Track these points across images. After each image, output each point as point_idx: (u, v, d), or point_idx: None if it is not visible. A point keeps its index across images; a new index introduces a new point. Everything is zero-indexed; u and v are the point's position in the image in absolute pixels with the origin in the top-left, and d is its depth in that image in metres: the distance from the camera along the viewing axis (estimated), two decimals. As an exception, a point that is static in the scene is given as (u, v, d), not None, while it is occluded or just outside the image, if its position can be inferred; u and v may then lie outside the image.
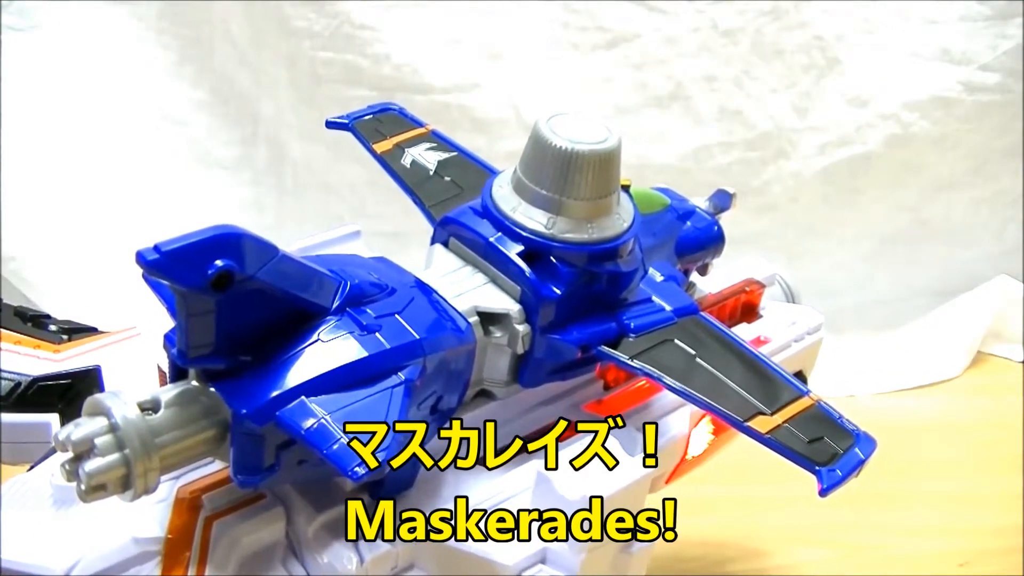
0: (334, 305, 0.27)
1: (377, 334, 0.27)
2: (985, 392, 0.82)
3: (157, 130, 0.87)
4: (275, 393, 0.25)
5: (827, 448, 0.29)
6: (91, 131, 0.86)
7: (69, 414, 0.43)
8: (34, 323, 0.48)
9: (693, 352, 0.31)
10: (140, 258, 0.22)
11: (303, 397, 0.25)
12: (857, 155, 0.87)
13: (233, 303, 0.24)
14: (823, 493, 0.28)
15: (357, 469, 0.24)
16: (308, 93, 0.85)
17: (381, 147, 0.40)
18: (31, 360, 0.45)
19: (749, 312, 0.42)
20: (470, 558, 0.28)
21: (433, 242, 0.32)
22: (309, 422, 0.25)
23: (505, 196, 0.31)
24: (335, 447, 0.24)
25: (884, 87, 0.86)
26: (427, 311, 0.28)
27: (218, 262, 0.23)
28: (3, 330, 0.46)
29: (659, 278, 0.34)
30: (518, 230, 0.30)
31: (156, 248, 0.22)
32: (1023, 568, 0.60)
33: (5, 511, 0.27)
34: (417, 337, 0.27)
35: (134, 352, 0.45)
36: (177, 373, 0.27)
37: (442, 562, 0.29)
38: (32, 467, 0.30)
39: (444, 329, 0.28)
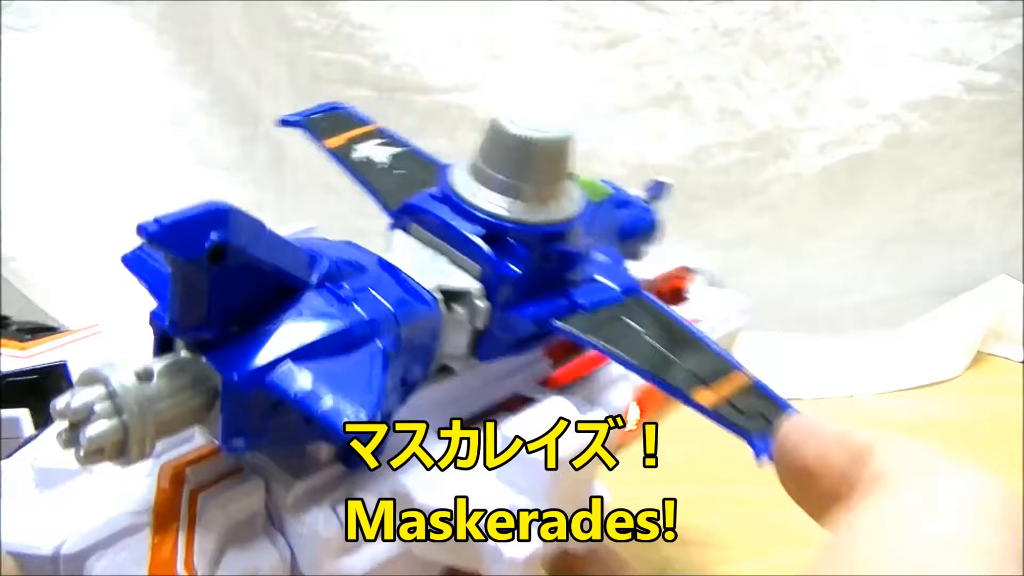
0: (313, 280, 0.28)
1: (355, 305, 0.28)
2: (985, 392, 0.82)
3: (157, 130, 0.88)
4: (264, 359, 0.26)
5: (762, 418, 0.31)
6: (91, 131, 0.86)
7: (38, 409, 0.44)
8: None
9: (640, 329, 0.33)
10: (141, 230, 0.23)
11: (290, 362, 0.26)
12: (857, 155, 0.87)
13: (224, 275, 0.25)
14: (757, 456, 0.29)
15: (346, 426, 0.25)
16: (308, 93, 0.85)
17: (332, 143, 0.41)
18: None
19: (677, 296, 0.44)
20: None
21: (392, 228, 0.34)
22: (297, 385, 0.26)
23: (464, 183, 0.33)
24: (323, 406, 0.25)
25: (884, 87, 0.86)
26: (396, 287, 0.30)
27: (213, 235, 0.24)
28: None
29: (604, 260, 0.36)
30: (478, 213, 0.32)
31: (156, 220, 0.23)
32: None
33: None
34: (391, 310, 0.29)
35: (97, 348, 0.45)
36: (163, 347, 0.28)
37: None
38: (8, 455, 0.31)
39: (414, 303, 0.30)
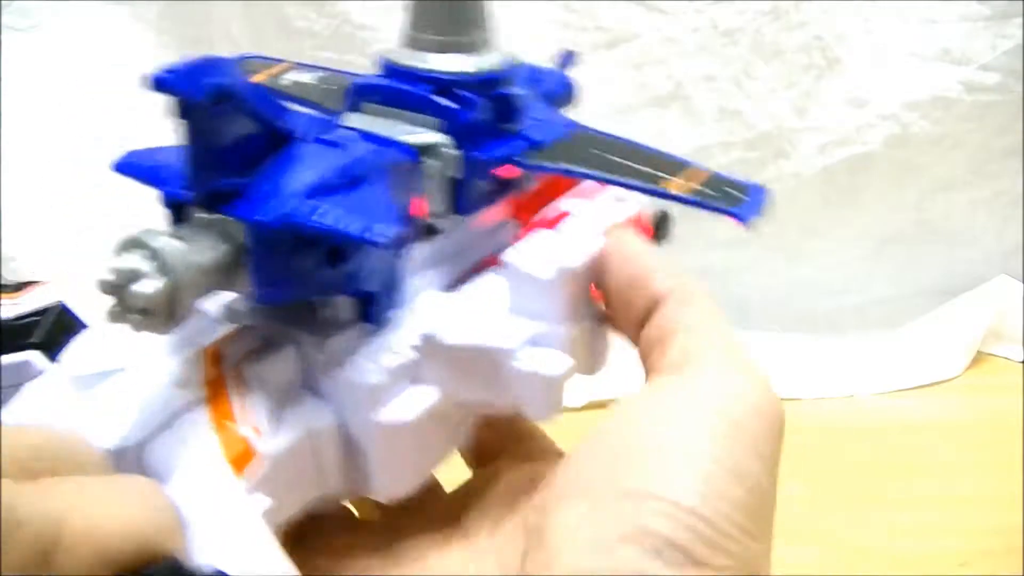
0: (307, 134, 0.30)
1: (349, 148, 0.30)
2: (985, 392, 0.82)
3: (157, 130, 0.87)
4: (283, 198, 0.27)
5: (733, 196, 0.34)
6: (91, 131, 0.86)
7: (47, 347, 0.44)
8: None
9: (597, 151, 0.35)
10: (154, 79, 0.25)
11: (306, 197, 0.27)
12: (857, 155, 0.87)
13: (227, 123, 0.27)
14: (743, 222, 0.32)
15: (378, 238, 0.26)
16: (308, 93, 0.85)
17: (258, 78, 0.43)
18: None
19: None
20: (472, 353, 0.30)
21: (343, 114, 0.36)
22: (321, 215, 0.27)
23: (403, 56, 0.35)
24: (354, 227, 0.27)
25: (884, 87, 0.86)
26: (377, 139, 0.32)
27: (212, 79, 0.26)
28: None
29: (541, 109, 0.38)
30: (422, 74, 0.34)
31: (164, 68, 0.25)
32: (1023, 568, 0.60)
33: (31, 412, 0.28)
34: (379, 150, 0.31)
35: (87, 286, 0.45)
36: (176, 222, 0.29)
37: (446, 366, 0.31)
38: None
39: (393, 146, 0.32)
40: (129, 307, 0.26)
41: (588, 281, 0.33)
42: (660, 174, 0.34)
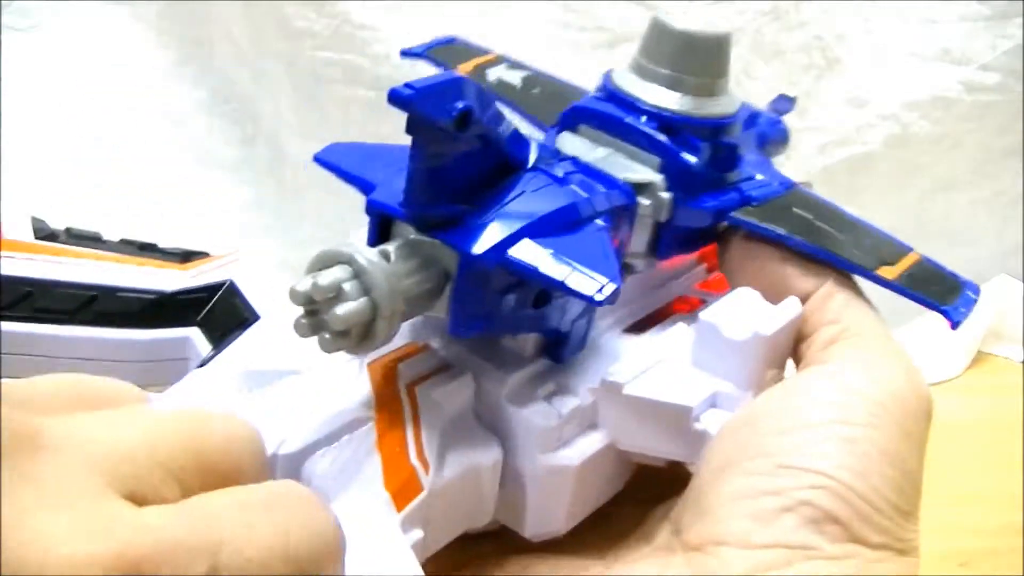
0: (530, 162, 0.29)
1: (572, 186, 0.29)
2: (985, 392, 0.82)
3: (157, 130, 0.88)
4: (502, 235, 0.26)
5: (943, 292, 0.34)
6: (91, 131, 0.86)
7: (209, 327, 0.43)
8: (146, 249, 0.47)
9: (811, 216, 0.34)
10: (394, 94, 0.24)
11: (526, 238, 0.26)
12: (857, 155, 0.87)
13: (460, 147, 0.26)
14: (955, 327, 0.32)
15: (597, 295, 0.25)
16: (308, 93, 0.85)
17: (463, 70, 0.42)
18: (161, 278, 0.44)
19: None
20: (650, 407, 0.30)
21: (558, 132, 0.34)
22: (537, 258, 0.26)
23: (629, 82, 0.33)
24: (570, 277, 0.26)
25: (884, 87, 0.86)
26: (598, 174, 0.31)
27: (460, 103, 0.24)
28: (124, 255, 0.45)
29: (754, 159, 0.37)
30: (649, 108, 0.33)
31: (407, 85, 0.24)
32: (1023, 568, 0.60)
33: (194, 401, 0.26)
34: (603, 190, 0.30)
35: (256, 268, 0.44)
36: (379, 235, 0.28)
37: (621, 415, 0.30)
38: (202, 364, 0.30)
39: (616, 187, 0.31)
40: (323, 325, 0.24)
41: (782, 346, 0.31)
42: (875, 255, 0.33)
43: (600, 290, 0.25)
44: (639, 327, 0.34)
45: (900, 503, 0.26)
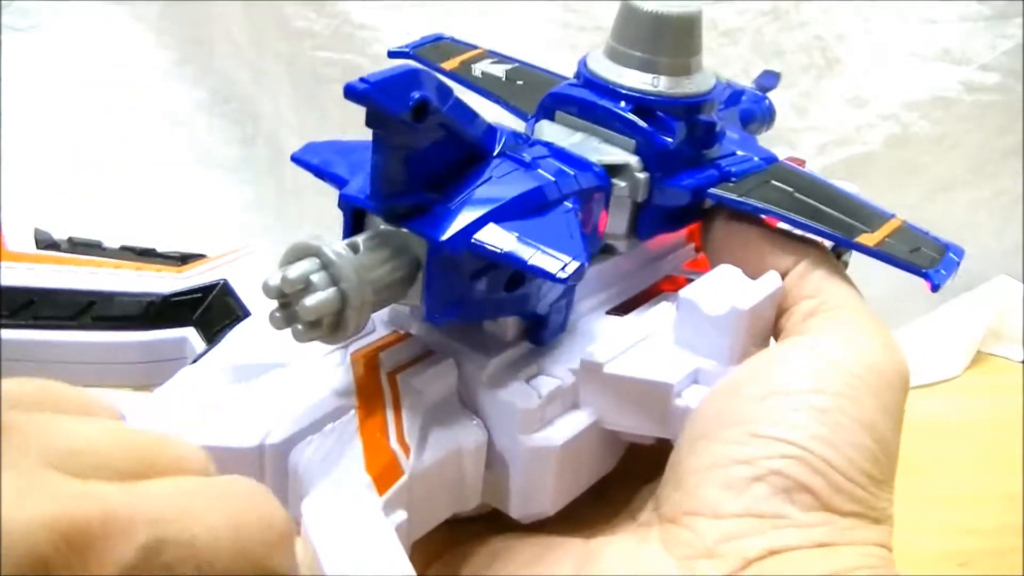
0: (496, 149, 0.29)
1: (540, 170, 0.29)
2: (985, 392, 0.82)
3: (157, 130, 0.88)
4: (467, 220, 0.27)
5: (926, 255, 0.34)
6: (91, 131, 0.86)
7: (205, 326, 0.44)
8: (145, 254, 0.48)
9: (790, 189, 0.34)
10: (349, 88, 0.24)
11: (492, 223, 0.27)
12: (857, 155, 0.87)
13: (421, 138, 0.26)
14: (934, 289, 0.33)
15: (560, 273, 0.26)
16: (308, 93, 0.85)
17: (449, 65, 0.42)
18: (157, 281, 0.45)
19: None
20: (632, 385, 0.30)
21: (536, 120, 0.35)
22: (503, 242, 0.26)
23: (603, 66, 0.34)
24: (534, 257, 0.26)
25: (884, 87, 0.86)
26: (569, 158, 0.31)
27: (415, 93, 0.25)
28: (123, 261, 0.47)
29: (736, 136, 0.37)
30: (623, 91, 0.33)
31: (363, 79, 0.24)
32: (1023, 568, 0.60)
33: (180, 398, 0.27)
34: (572, 173, 0.30)
35: (254, 265, 0.45)
36: (353, 226, 0.28)
37: (604, 394, 0.30)
38: (194, 361, 0.30)
39: (589, 169, 0.31)
40: (295, 317, 0.25)
41: (763, 321, 0.32)
42: (854, 223, 0.33)
43: (563, 267, 0.26)
44: (626, 307, 0.34)
45: (874, 472, 0.27)
